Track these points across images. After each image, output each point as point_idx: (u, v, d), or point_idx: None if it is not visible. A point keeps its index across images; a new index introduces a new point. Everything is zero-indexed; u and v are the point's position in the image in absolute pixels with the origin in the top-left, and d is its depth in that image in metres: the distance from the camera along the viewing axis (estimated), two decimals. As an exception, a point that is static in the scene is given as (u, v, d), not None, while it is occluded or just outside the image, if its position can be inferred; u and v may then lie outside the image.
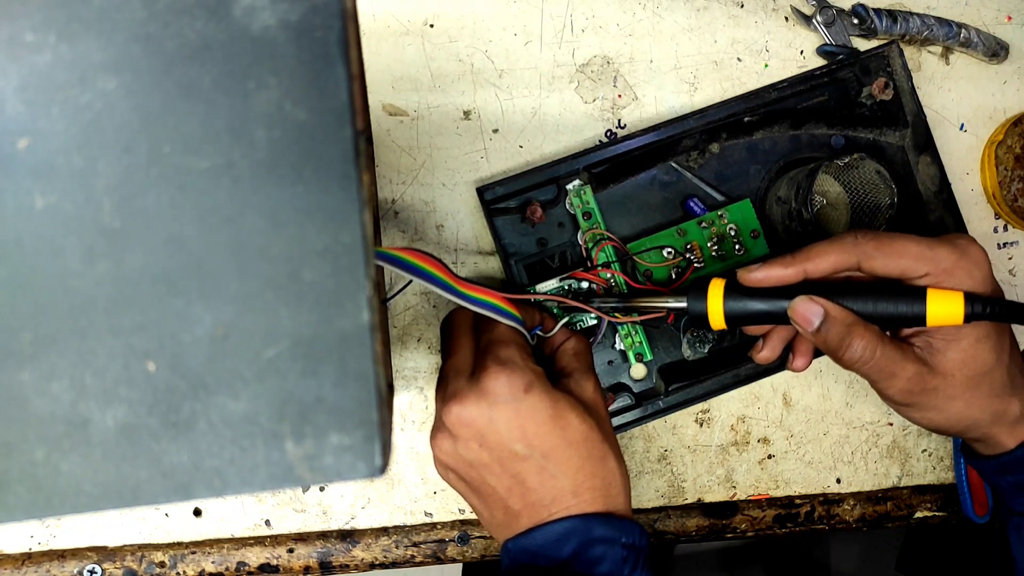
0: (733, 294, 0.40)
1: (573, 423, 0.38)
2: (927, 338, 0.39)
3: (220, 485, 0.22)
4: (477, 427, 0.37)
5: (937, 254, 0.38)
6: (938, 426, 0.41)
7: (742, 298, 0.39)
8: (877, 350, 0.38)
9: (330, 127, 0.22)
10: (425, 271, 0.36)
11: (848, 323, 0.38)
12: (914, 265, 0.38)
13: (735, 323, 0.40)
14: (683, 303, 0.41)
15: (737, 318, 0.40)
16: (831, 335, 0.38)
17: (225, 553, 0.48)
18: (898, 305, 0.38)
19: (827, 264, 0.39)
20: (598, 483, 0.38)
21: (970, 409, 0.40)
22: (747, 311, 0.39)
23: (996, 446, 0.42)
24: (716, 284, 0.40)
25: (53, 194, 0.22)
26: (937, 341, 0.39)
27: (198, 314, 0.22)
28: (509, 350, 0.38)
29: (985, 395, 0.40)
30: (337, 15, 0.22)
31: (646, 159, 0.48)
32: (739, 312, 0.40)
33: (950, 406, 0.40)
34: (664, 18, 0.50)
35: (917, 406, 0.40)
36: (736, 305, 0.40)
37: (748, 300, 0.39)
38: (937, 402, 0.39)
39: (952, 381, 0.39)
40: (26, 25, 0.21)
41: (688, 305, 0.41)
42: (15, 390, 0.22)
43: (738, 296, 0.40)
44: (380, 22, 0.48)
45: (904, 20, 0.50)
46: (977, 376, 0.39)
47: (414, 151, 0.48)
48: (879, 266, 0.38)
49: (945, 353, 0.39)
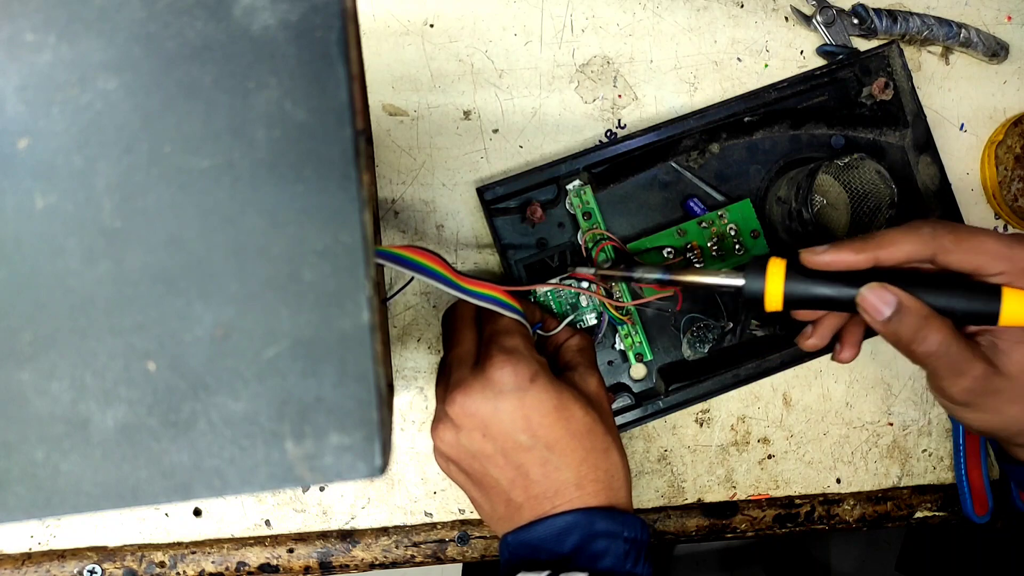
0: (795, 275, 0.37)
1: (577, 414, 0.37)
2: (992, 338, 0.38)
3: (220, 485, 0.22)
4: (481, 417, 0.37)
5: (1015, 253, 0.36)
6: (991, 428, 0.40)
7: (805, 280, 0.37)
8: (952, 345, 0.37)
9: (330, 127, 0.22)
10: (426, 267, 0.36)
11: (924, 315, 0.36)
12: (991, 262, 0.36)
13: (793, 306, 0.38)
14: (739, 281, 0.38)
15: (796, 301, 0.37)
16: (904, 326, 0.36)
17: (225, 553, 0.48)
18: (972, 302, 0.36)
19: (901, 254, 0.37)
20: (601, 475, 0.38)
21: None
22: (808, 295, 0.37)
23: None
24: (777, 264, 0.37)
25: (53, 194, 0.22)
26: (1003, 342, 0.37)
27: (198, 314, 0.22)
28: (514, 340, 0.38)
29: None
30: (337, 15, 0.22)
31: (646, 159, 0.48)
32: (800, 295, 0.37)
33: (1009, 409, 0.38)
34: (664, 18, 0.50)
35: (975, 406, 0.39)
36: (798, 288, 0.37)
37: (811, 283, 0.37)
38: (998, 404, 0.38)
39: (1015, 384, 0.37)
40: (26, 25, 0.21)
41: (745, 284, 0.38)
42: (15, 390, 0.22)
43: (800, 278, 0.37)
44: (380, 22, 0.48)
45: (904, 20, 0.50)
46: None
47: (414, 151, 0.48)
48: (955, 260, 0.37)
49: (1011, 355, 0.37)
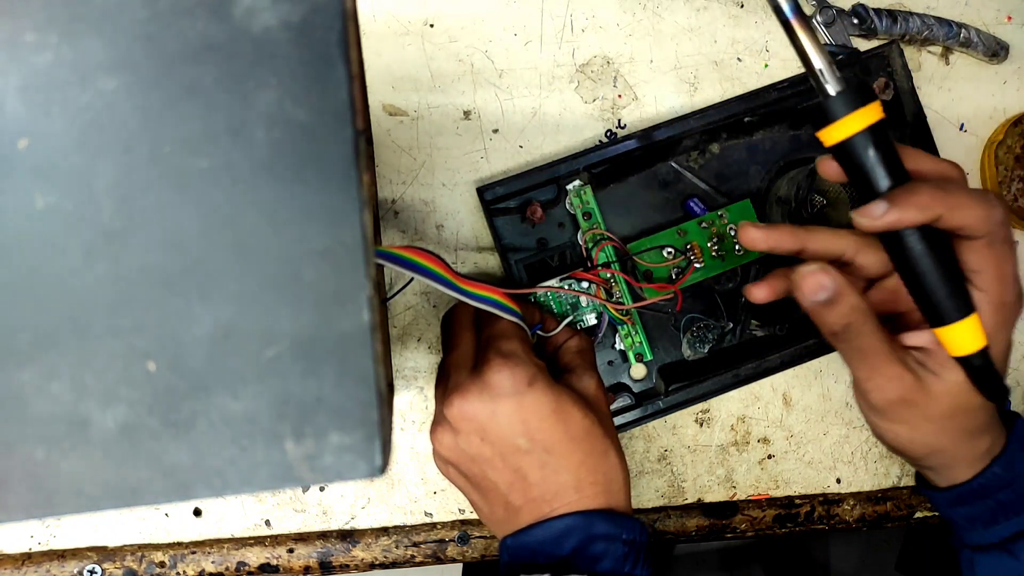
0: (880, 137, 0.33)
1: (575, 417, 0.37)
2: (924, 356, 0.37)
3: (220, 485, 0.22)
4: (479, 420, 0.37)
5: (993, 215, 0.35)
6: (902, 443, 0.40)
7: (880, 148, 0.33)
8: (879, 348, 0.36)
9: (330, 127, 0.22)
10: (426, 268, 0.36)
11: (854, 307, 0.36)
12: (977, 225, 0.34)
13: (841, 154, 0.34)
14: (837, 87, 0.33)
15: (848, 154, 0.34)
16: (833, 315, 0.36)
17: (225, 553, 0.48)
18: (946, 296, 0.34)
19: (827, 250, 0.38)
20: (600, 478, 0.38)
21: (940, 436, 0.38)
22: (864, 161, 0.33)
23: (952, 478, 0.41)
24: (876, 108, 0.33)
25: (53, 194, 0.22)
26: (934, 363, 0.37)
27: (198, 314, 0.22)
28: (512, 344, 0.38)
29: (959, 428, 0.38)
30: (337, 15, 0.22)
31: (646, 159, 0.48)
32: (859, 152, 0.33)
33: (923, 426, 0.38)
34: (664, 18, 0.50)
35: (891, 417, 0.38)
36: (866, 144, 0.33)
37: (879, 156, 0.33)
38: (914, 420, 0.38)
39: (935, 404, 0.37)
40: (27, 25, 0.21)
41: (838, 93, 0.33)
42: (15, 390, 0.22)
43: (880, 144, 0.33)
44: (380, 22, 0.48)
45: (904, 20, 0.50)
46: (961, 408, 0.37)
47: (414, 151, 0.48)
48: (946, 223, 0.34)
49: (940, 376, 0.36)
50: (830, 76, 0.32)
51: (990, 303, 0.35)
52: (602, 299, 0.45)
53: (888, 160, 0.33)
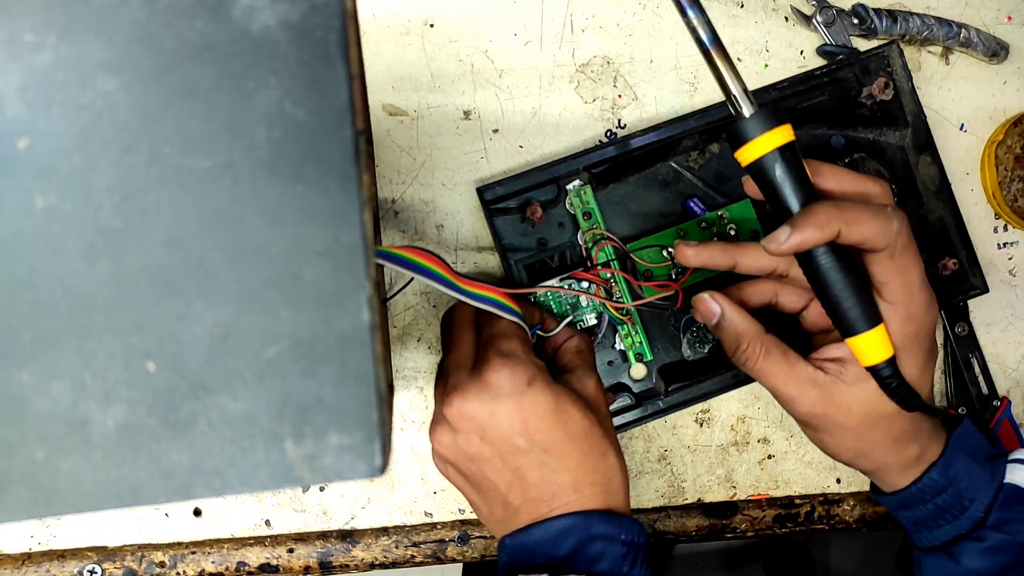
0: (787, 154, 0.34)
1: (575, 417, 0.38)
2: (840, 368, 0.38)
3: (220, 485, 0.22)
4: (479, 420, 0.37)
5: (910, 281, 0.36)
6: (828, 449, 0.41)
7: (788, 167, 0.34)
8: (778, 368, 0.39)
9: (330, 127, 0.22)
10: (426, 268, 0.36)
11: (741, 331, 0.39)
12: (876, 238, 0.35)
13: (755, 175, 0.35)
14: (750, 109, 0.34)
15: (759, 172, 0.35)
16: (724, 337, 0.40)
17: (225, 553, 0.48)
18: (852, 307, 0.36)
19: (757, 266, 0.41)
20: (599, 479, 0.38)
21: (861, 443, 0.40)
22: (772, 178, 0.35)
23: (891, 484, 0.42)
24: (786, 131, 0.34)
25: (53, 194, 0.22)
26: (848, 374, 0.38)
27: (198, 314, 0.22)
28: (512, 343, 0.38)
29: (881, 436, 0.39)
30: (337, 15, 0.22)
31: (646, 159, 0.48)
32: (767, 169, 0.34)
33: (841, 434, 0.39)
34: (664, 18, 0.50)
35: (815, 428, 0.40)
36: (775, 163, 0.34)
37: (787, 175, 0.34)
38: (828, 427, 0.39)
39: (848, 413, 0.38)
40: (26, 25, 0.21)
41: (750, 117, 0.34)
42: (15, 390, 0.22)
43: (789, 163, 0.34)
44: (380, 22, 0.48)
45: (904, 20, 0.50)
46: (876, 416, 0.38)
47: (414, 151, 0.48)
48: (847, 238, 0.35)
49: (852, 386, 0.38)
50: (743, 100, 0.35)
51: (898, 315, 0.36)
52: (602, 298, 0.45)
53: (796, 179, 0.35)
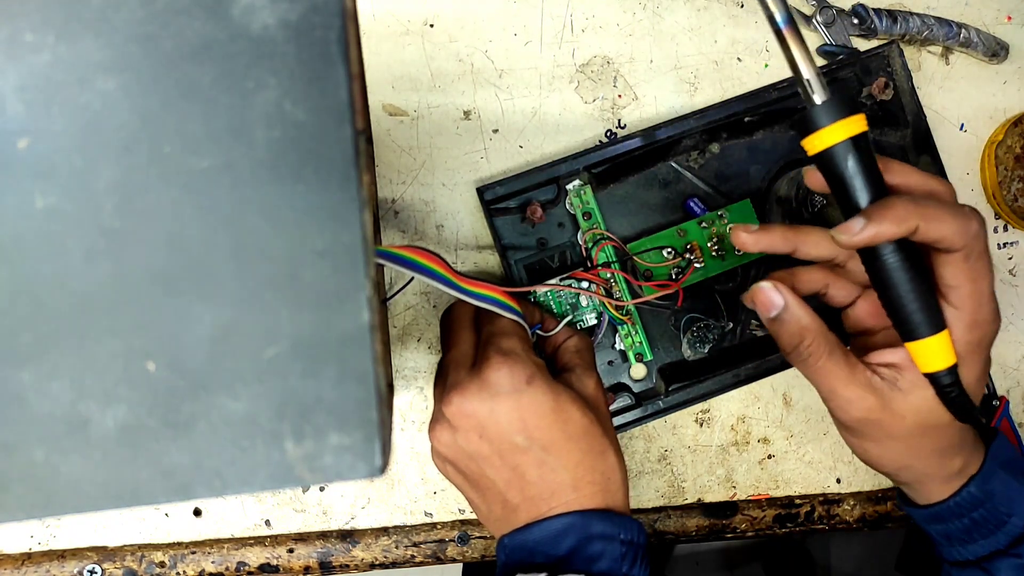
0: (863, 147, 0.33)
1: (574, 416, 0.37)
2: (895, 374, 0.37)
3: (220, 485, 0.22)
4: (478, 418, 0.37)
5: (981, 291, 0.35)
6: (872, 459, 0.40)
7: (861, 159, 0.33)
8: (836, 369, 0.36)
9: (330, 127, 0.22)
10: (426, 267, 0.36)
11: (804, 327, 0.37)
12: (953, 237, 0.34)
13: (822, 164, 0.34)
14: (822, 96, 0.33)
15: (830, 164, 0.34)
16: (783, 331, 0.37)
17: (225, 553, 0.48)
18: (917, 310, 0.34)
19: (817, 252, 0.38)
20: (598, 478, 0.38)
21: (908, 453, 0.38)
22: (845, 171, 0.33)
23: (927, 496, 0.41)
24: (859, 120, 0.33)
25: (53, 194, 0.22)
26: (905, 381, 0.36)
27: (198, 314, 0.22)
28: (511, 342, 0.38)
29: (930, 447, 0.38)
30: (337, 15, 0.22)
31: (646, 159, 0.48)
32: (838, 161, 0.33)
33: (890, 443, 0.38)
34: (664, 18, 0.50)
35: (861, 435, 0.39)
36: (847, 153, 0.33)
37: (860, 167, 0.33)
38: (878, 435, 0.38)
39: (901, 422, 0.37)
40: (25, 25, 0.21)
41: (823, 103, 0.33)
42: (15, 390, 0.22)
43: (862, 155, 0.33)
44: (380, 22, 0.48)
45: (904, 20, 0.50)
46: (928, 427, 0.37)
47: (414, 151, 0.48)
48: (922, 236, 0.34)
49: (907, 394, 0.36)
50: (817, 85, 0.33)
51: (963, 321, 0.35)
52: (602, 297, 0.45)
53: (868, 172, 0.33)
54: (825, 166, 0.34)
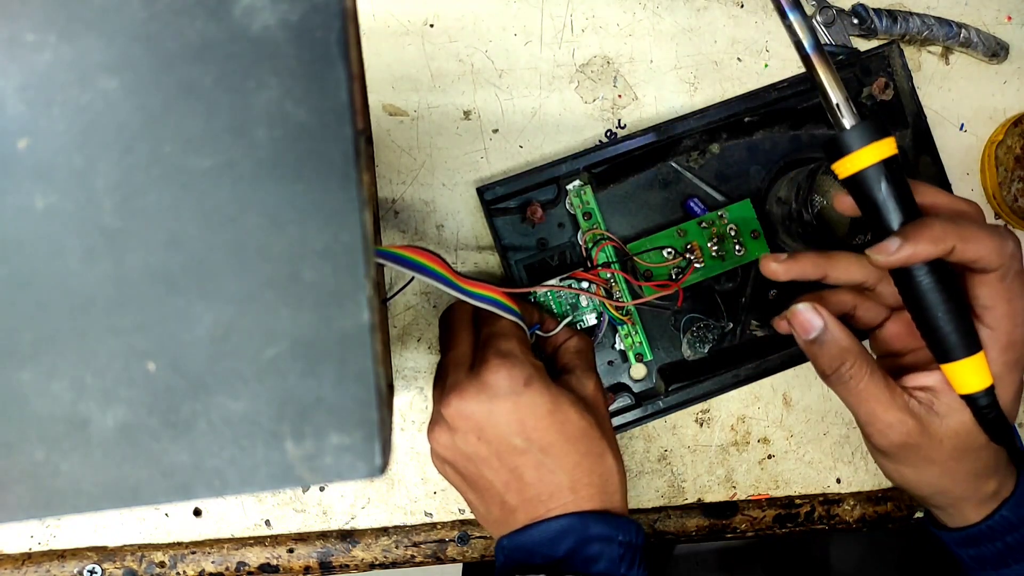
0: (894, 170, 0.33)
1: (572, 419, 0.37)
2: (931, 397, 0.36)
3: (220, 485, 0.22)
4: (476, 420, 0.37)
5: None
6: (908, 483, 0.39)
7: (892, 182, 0.33)
8: (877, 393, 0.36)
9: (330, 127, 0.22)
10: (426, 267, 0.36)
11: (845, 348, 0.36)
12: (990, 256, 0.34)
13: (854, 191, 0.35)
14: (850, 121, 0.34)
15: (860, 188, 0.34)
16: (823, 354, 0.37)
17: (225, 553, 0.48)
18: (952, 332, 0.34)
19: (848, 277, 0.38)
20: (595, 480, 0.38)
21: (944, 477, 0.38)
22: (876, 194, 0.34)
23: (961, 519, 0.40)
24: (889, 144, 0.33)
25: (53, 194, 0.22)
26: (941, 404, 0.36)
27: (198, 314, 0.22)
28: (510, 343, 0.38)
29: (966, 470, 0.37)
30: (337, 15, 0.22)
31: (646, 159, 0.48)
32: (870, 186, 0.33)
33: (927, 468, 0.37)
34: (664, 18, 0.50)
35: (897, 459, 0.38)
36: (878, 179, 0.33)
37: (892, 189, 0.33)
38: (915, 460, 0.37)
39: (939, 446, 0.36)
40: (26, 25, 0.21)
41: (850, 128, 0.33)
42: (15, 390, 0.22)
43: (893, 177, 0.33)
44: (380, 22, 0.48)
45: (904, 20, 0.50)
46: (965, 450, 0.37)
47: (414, 151, 0.48)
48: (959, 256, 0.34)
49: (945, 418, 0.36)
50: (846, 110, 0.33)
51: (998, 342, 0.35)
52: (602, 297, 0.45)
53: (900, 194, 0.33)
54: (857, 189, 0.34)
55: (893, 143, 0.33)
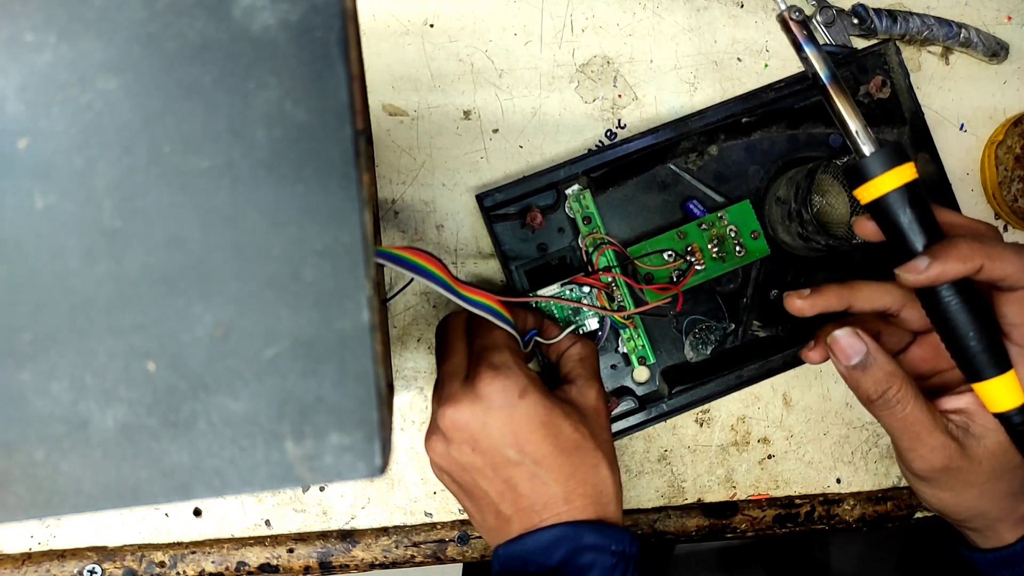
0: (916, 193, 0.34)
1: (566, 431, 0.38)
2: (966, 419, 0.37)
3: (220, 485, 0.22)
4: (470, 431, 0.37)
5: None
6: (946, 508, 0.39)
7: (914, 205, 0.34)
8: (918, 415, 0.36)
9: (330, 127, 0.22)
10: (425, 269, 0.36)
11: (890, 372, 0.36)
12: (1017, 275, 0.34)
13: (876, 215, 0.35)
14: (870, 148, 0.34)
15: (882, 212, 0.35)
16: (867, 379, 0.36)
17: (225, 553, 0.48)
18: (982, 350, 0.34)
19: (872, 305, 0.38)
20: (589, 490, 0.38)
21: (983, 500, 0.38)
22: (899, 218, 0.34)
23: (995, 539, 0.40)
24: (910, 169, 0.34)
25: (53, 194, 0.22)
26: (977, 426, 0.36)
27: (198, 314, 0.22)
28: (503, 355, 0.38)
29: (1004, 490, 0.38)
30: (337, 15, 0.22)
31: (645, 162, 0.48)
32: (892, 209, 0.34)
33: (966, 491, 0.37)
34: (664, 18, 0.50)
35: (935, 483, 0.38)
36: (903, 205, 0.34)
37: (914, 213, 0.34)
38: (955, 484, 0.37)
39: (978, 468, 0.36)
40: (26, 25, 0.21)
41: (872, 154, 0.34)
42: (15, 390, 0.22)
43: (915, 200, 0.34)
44: (380, 22, 0.48)
45: (904, 20, 0.50)
46: (1003, 470, 0.37)
47: (414, 151, 0.48)
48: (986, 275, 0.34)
49: (981, 439, 0.36)
50: (866, 137, 0.34)
51: None
52: (603, 302, 0.45)
53: (923, 217, 0.34)
54: (879, 213, 0.35)
55: (913, 167, 0.34)
